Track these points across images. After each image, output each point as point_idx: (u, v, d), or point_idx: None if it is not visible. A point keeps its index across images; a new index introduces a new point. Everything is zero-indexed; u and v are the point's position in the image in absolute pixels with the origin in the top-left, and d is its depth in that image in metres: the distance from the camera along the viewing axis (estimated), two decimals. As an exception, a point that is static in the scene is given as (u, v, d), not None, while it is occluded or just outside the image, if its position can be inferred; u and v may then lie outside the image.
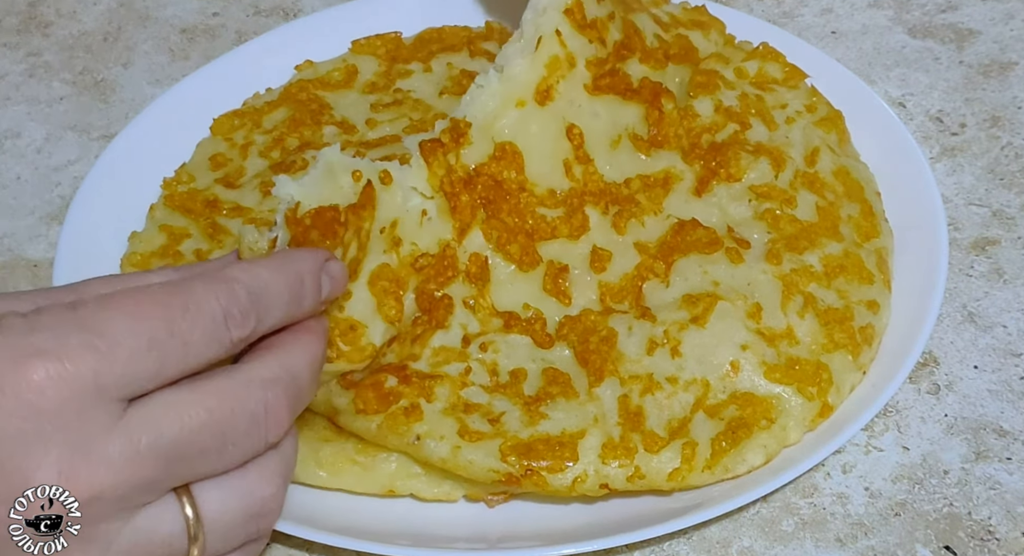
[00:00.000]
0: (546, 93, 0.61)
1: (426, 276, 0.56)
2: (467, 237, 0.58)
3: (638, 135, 0.64)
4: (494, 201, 0.59)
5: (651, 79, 0.65)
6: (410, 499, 0.55)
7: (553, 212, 0.60)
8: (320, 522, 0.53)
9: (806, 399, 0.56)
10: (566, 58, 0.62)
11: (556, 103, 0.61)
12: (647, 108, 0.64)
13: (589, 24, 0.63)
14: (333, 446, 0.55)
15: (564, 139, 0.61)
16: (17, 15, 0.86)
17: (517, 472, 0.52)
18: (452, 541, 0.54)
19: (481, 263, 0.58)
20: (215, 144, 0.71)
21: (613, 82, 0.63)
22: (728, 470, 0.54)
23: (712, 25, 0.72)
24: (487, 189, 0.59)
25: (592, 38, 0.63)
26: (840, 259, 0.60)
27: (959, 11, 0.83)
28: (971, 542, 0.54)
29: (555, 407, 0.54)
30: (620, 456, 0.53)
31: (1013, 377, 0.61)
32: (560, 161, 0.61)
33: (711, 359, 0.56)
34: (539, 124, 0.60)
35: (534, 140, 0.60)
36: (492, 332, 0.57)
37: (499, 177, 0.59)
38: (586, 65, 0.63)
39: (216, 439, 0.40)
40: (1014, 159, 0.72)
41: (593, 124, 0.62)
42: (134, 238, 0.65)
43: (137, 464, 0.38)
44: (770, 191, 0.62)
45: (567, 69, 0.62)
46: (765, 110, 0.67)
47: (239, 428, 0.41)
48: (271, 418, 0.42)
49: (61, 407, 0.37)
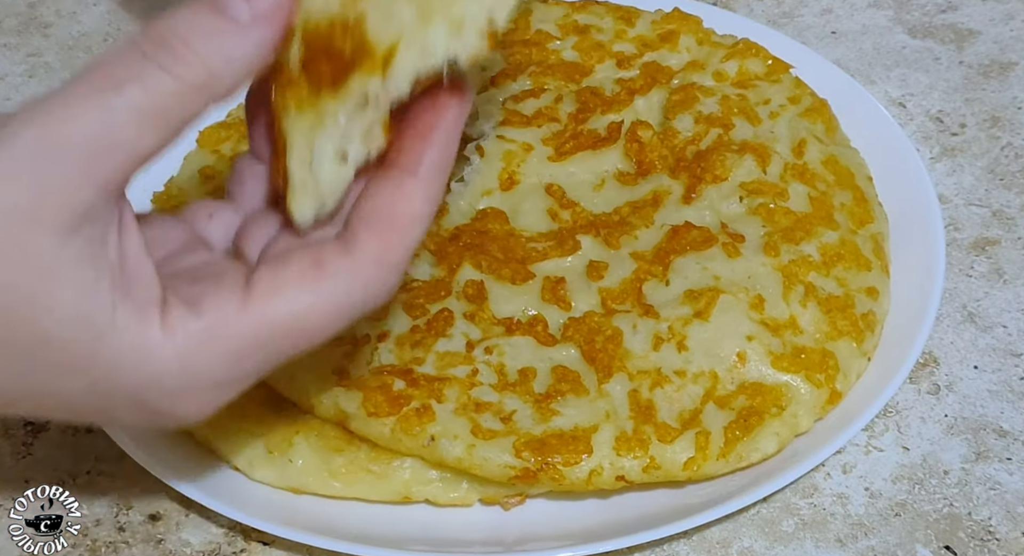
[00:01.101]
0: (510, 181, 0.63)
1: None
2: (458, 274, 0.59)
3: (623, 171, 0.64)
4: (481, 244, 0.60)
5: (616, 121, 0.66)
6: (425, 505, 0.55)
7: (543, 244, 0.61)
8: (334, 530, 0.53)
9: (814, 386, 0.56)
10: (521, 147, 0.64)
11: (523, 183, 0.63)
12: (625, 144, 0.64)
13: (532, 116, 0.65)
14: (346, 456, 0.55)
15: (545, 195, 0.63)
16: (17, 16, 0.86)
17: (533, 467, 0.52)
18: (469, 545, 0.54)
19: (477, 285, 0.58)
20: (203, 157, 0.70)
21: (578, 143, 0.65)
22: (742, 458, 0.54)
23: (682, 30, 0.72)
24: (473, 237, 0.61)
25: (541, 123, 0.66)
26: (837, 247, 0.61)
27: (959, 11, 0.83)
28: (971, 542, 0.54)
29: (566, 404, 0.54)
30: (634, 448, 0.53)
31: (1013, 377, 0.61)
32: (544, 211, 0.63)
33: (718, 351, 0.56)
34: (514, 198, 0.63)
35: (513, 204, 0.63)
36: (495, 337, 0.57)
37: (484, 229, 0.61)
38: (543, 143, 0.65)
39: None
40: (1014, 159, 0.72)
41: (570, 180, 0.64)
42: None
43: None
44: (761, 186, 0.63)
45: (524, 154, 0.64)
46: (748, 108, 0.67)
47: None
48: None
49: None
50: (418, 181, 0.40)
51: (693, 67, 0.70)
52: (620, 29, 0.72)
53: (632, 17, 0.72)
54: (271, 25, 0.38)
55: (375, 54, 0.39)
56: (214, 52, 0.37)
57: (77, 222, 0.35)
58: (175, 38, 0.36)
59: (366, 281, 0.40)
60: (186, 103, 0.37)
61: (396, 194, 0.40)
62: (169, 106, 0.36)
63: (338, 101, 0.40)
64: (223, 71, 0.37)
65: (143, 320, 0.37)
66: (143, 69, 0.36)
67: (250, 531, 0.55)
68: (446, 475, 0.54)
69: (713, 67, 0.69)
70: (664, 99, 0.68)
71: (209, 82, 0.37)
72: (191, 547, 0.55)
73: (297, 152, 0.41)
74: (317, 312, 0.39)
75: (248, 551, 0.55)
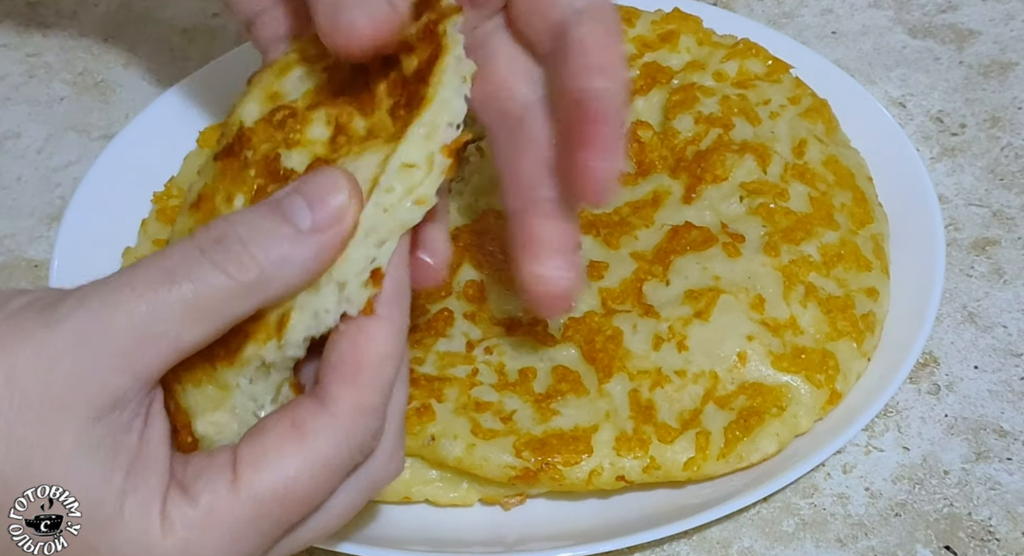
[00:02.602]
0: None
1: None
2: (458, 274, 0.59)
3: (623, 171, 0.64)
4: (481, 244, 0.60)
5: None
6: (425, 505, 0.55)
7: None
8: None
9: (814, 386, 0.56)
10: None
11: None
12: (625, 144, 0.64)
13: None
14: None
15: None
16: (17, 15, 0.86)
17: (533, 467, 0.52)
18: (469, 545, 0.54)
19: (477, 285, 0.58)
20: (203, 156, 0.70)
21: None
22: (742, 459, 0.54)
23: (682, 30, 0.72)
24: (473, 237, 0.60)
25: None
26: (837, 247, 0.61)
27: (959, 11, 0.83)
28: (971, 542, 0.54)
29: (566, 404, 0.54)
30: (635, 448, 0.53)
31: (1013, 377, 0.61)
32: None
33: (718, 351, 0.56)
34: None
35: None
36: (495, 337, 0.57)
37: (483, 229, 0.61)
38: None
39: None
40: (1014, 159, 0.72)
41: None
42: (128, 254, 0.64)
43: None
44: (761, 186, 0.63)
45: None
46: (748, 108, 0.67)
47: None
48: None
49: None
50: (379, 321, 0.40)
51: (693, 67, 0.70)
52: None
53: (632, 17, 0.72)
54: (330, 237, 0.38)
55: (268, 321, 0.39)
56: (270, 255, 0.37)
57: (107, 409, 0.36)
58: (234, 237, 0.37)
59: (348, 432, 0.39)
60: (235, 302, 0.37)
61: (359, 339, 0.39)
62: (218, 303, 0.37)
63: (236, 369, 0.40)
64: (275, 274, 0.37)
65: (147, 513, 0.37)
66: (198, 265, 0.37)
67: (250, 531, 0.55)
68: (446, 475, 0.54)
69: (713, 67, 0.69)
70: (664, 99, 0.68)
71: (261, 283, 0.37)
72: (191, 547, 0.55)
73: (202, 422, 0.41)
74: (306, 475, 0.38)
75: (248, 551, 0.55)
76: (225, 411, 0.41)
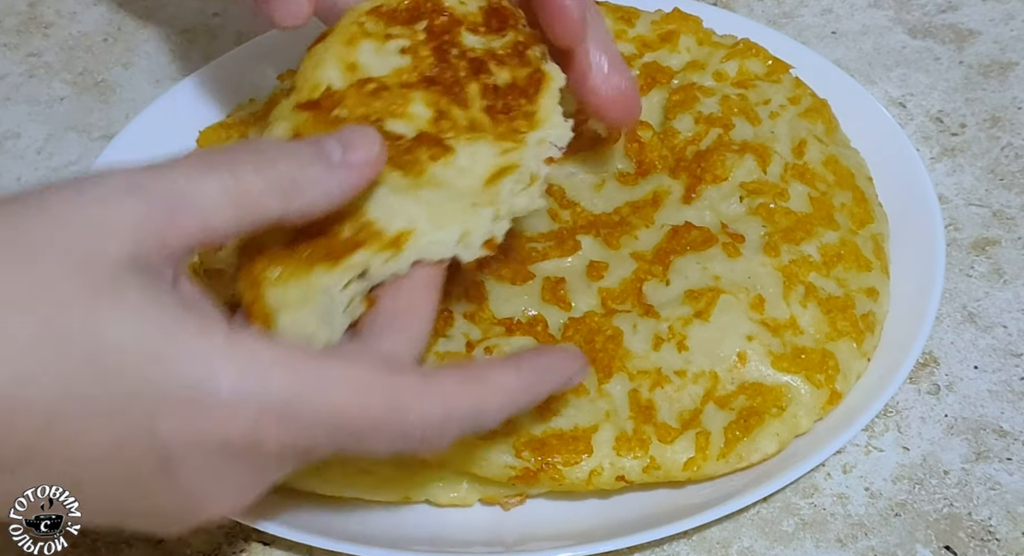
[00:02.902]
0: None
1: None
2: (459, 274, 0.59)
3: (623, 171, 0.64)
4: None
5: None
6: (425, 505, 0.55)
7: (543, 244, 0.61)
8: (334, 530, 0.53)
9: (815, 387, 0.56)
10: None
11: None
12: (625, 145, 0.64)
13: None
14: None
15: (545, 195, 0.62)
16: (17, 15, 0.86)
17: (533, 467, 0.52)
18: (469, 545, 0.54)
19: (477, 285, 0.58)
20: None
21: (578, 143, 0.64)
22: (742, 459, 0.54)
23: (682, 30, 0.71)
24: None
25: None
26: (837, 247, 0.61)
27: (959, 11, 0.83)
28: (971, 542, 0.54)
29: (566, 404, 0.54)
30: (635, 448, 0.53)
31: (1013, 377, 0.61)
32: (544, 211, 0.62)
33: (718, 351, 0.56)
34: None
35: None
36: (495, 337, 0.57)
37: None
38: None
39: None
40: (1014, 159, 0.72)
41: (571, 179, 0.64)
42: None
43: None
44: (761, 186, 0.63)
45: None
46: (748, 108, 0.67)
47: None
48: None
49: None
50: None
51: (693, 67, 0.70)
52: (620, 29, 0.72)
53: (632, 17, 0.72)
54: (356, 175, 0.43)
55: (383, 236, 0.44)
56: (304, 171, 0.41)
57: (140, 262, 0.37)
58: (275, 150, 0.42)
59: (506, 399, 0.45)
60: (267, 201, 0.40)
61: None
62: (251, 197, 0.40)
63: (337, 273, 0.43)
64: (305, 187, 0.41)
65: (205, 330, 0.37)
66: (240, 163, 0.40)
67: (250, 531, 0.55)
68: (446, 475, 0.54)
69: (713, 67, 0.69)
70: (664, 99, 0.68)
71: (290, 190, 0.41)
72: (191, 547, 0.55)
73: (286, 318, 0.43)
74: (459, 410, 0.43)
75: (248, 551, 0.55)
76: (310, 310, 0.43)
